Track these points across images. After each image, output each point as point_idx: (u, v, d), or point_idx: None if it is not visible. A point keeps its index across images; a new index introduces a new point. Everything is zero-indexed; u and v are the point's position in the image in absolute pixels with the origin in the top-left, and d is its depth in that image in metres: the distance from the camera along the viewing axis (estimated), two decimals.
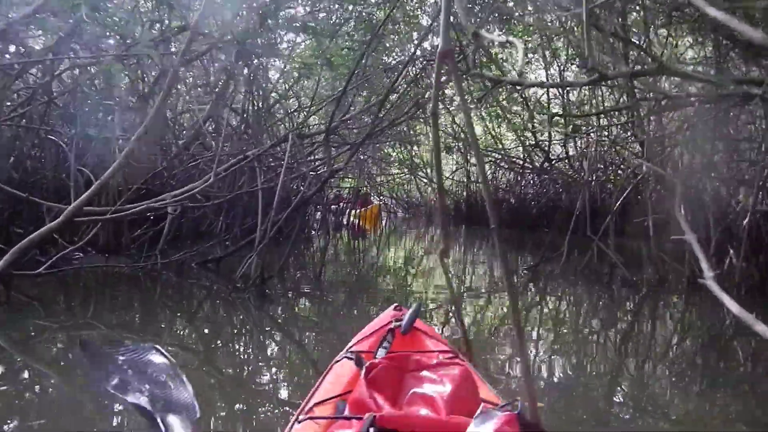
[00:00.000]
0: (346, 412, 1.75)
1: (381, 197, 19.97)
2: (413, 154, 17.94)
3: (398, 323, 2.36)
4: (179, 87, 7.72)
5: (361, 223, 16.63)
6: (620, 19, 5.40)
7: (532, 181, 17.24)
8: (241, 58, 6.71)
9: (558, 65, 15.18)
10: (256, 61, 7.77)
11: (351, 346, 2.36)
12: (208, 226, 9.71)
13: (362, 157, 12.48)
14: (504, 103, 16.73)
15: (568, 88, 15.03)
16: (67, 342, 4.41)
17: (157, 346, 2.15)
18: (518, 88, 16.09)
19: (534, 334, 5.28)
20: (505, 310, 6.27)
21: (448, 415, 1.61)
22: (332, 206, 15.53)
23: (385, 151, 16.51)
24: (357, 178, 14.75)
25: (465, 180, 18.94)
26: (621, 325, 5.91)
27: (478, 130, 19.01)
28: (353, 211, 16.71)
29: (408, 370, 1.90)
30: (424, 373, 1.86)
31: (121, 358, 2.09)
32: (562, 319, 6.17)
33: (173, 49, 6.55)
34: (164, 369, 2.02)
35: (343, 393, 1.94)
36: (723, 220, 6.36)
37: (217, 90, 7.93)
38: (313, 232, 12.67)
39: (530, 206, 16.35)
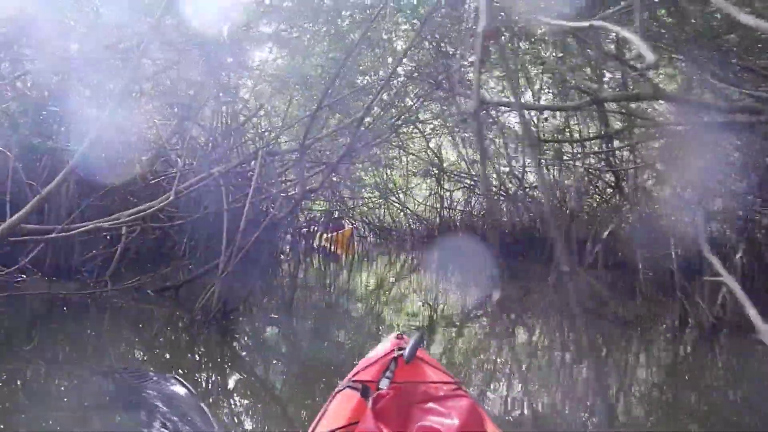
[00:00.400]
0: None
1: (353, 221, 19.53)
2: (386, 177, 17.68)
3: (401, 352, 2.30)
4: (142, 99, 7.25)
5: (333, 248, 16.18)
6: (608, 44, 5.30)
7: (505, 209, 17.10)
8: (210, 71, 6.34)
9: (531, 93, 15.21)
10: (225, 76, 7.41)
11: (353, 375, 2.28)
12: (171, 248, 9.16)
13: (335, 179, 12.12)
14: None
15: (544, 116, 15.01)
16: (4, 379, 3.88)
17: (178, 377, 2.11)
18: (494, 112, 16.10)
19: (517, 371, 5.01)
20: (480, 339, 5.98)
21: None
22: (303, 230, 15.06)
23: (358, 173, 16.19)
24: (329, 201, 14.33)
25: (438, 206, 18.73)
26: (613, 366, 5.53)
27: (452, 155, 18.93)
28: (325, 235, 16.26)
29: (415, 401, 1.86)
30: (431, 404, 1.83)
31: (146, 391, 2.05)
32: (549, 358, 5.77)
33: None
34: (187, 401, 1.98)
35: (348, 424, 1.88)
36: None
37: (183, 104, 7.51)
38: (283, 257, 12.16)
39: (505, 234, 16.16)
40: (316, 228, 15.80)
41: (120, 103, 4.48)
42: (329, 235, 16.35)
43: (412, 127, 15.17)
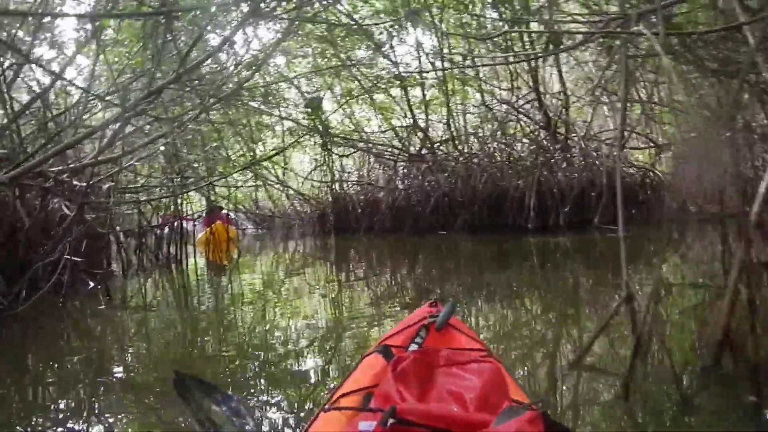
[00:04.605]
0: (372, 404, 1.69)
1: (227, 212, 15.09)
2: (256, 149, 13.86)
3: (433, 319, 2.25)
4: None
5: (207, 253, 11.96)
6: None
7: (411, 174, 13.84)
8: None
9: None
10: None
11: (383, 340, 2.24)
12: None
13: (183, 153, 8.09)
14: (368, 79, 13.36)
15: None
16: None
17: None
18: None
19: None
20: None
21: (473, 412, 1.58)
22: (149, 233, 10.64)
23: (219, 152, 12.07)
24: (169, 187, 10.01)
25: (328, 180, 15.12)
26: None
27: (335, 117, 15.28)
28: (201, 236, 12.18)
29: (438, 365, 1.85)
30: (454, 369, 1.83)
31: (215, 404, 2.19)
32: None
33: None
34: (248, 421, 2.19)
35: (370, 386, 1.88)
36: None
37: None
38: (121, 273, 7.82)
39: (418, 204, 12.92)
40: (166, 229, 11.37)
41: None
42: (204, 235, 12.26)
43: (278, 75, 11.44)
